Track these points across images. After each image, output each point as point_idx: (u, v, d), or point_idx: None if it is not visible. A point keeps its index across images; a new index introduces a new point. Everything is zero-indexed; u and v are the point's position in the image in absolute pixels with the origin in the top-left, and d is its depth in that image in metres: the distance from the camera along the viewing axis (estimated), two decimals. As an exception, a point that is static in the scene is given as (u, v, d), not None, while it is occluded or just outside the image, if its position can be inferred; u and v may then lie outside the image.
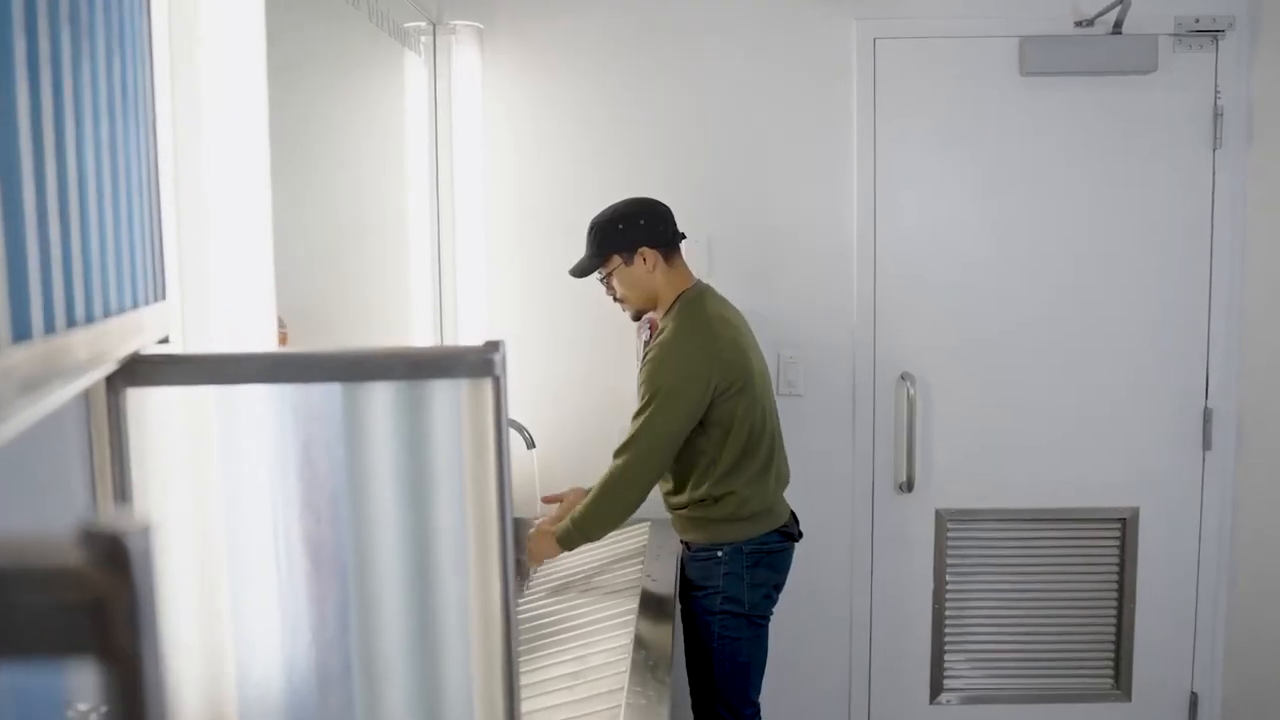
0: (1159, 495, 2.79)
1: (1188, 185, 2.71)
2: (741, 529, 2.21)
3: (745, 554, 2.21)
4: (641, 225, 2.22)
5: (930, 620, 2.85)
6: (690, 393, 2.12)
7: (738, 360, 2.17)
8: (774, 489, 2.26)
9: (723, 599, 2.21)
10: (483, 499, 0.97)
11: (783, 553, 2.28)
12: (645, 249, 2.21)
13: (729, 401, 2.15)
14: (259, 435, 0.91)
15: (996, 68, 2.69)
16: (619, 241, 2.22)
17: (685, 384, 2.12)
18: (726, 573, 2.21)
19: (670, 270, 2.24)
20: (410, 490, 0.94)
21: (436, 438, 0.95)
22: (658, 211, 2.25)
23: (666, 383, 2.13)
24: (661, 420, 2.12)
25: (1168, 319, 2.76)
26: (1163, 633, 2.82)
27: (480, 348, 0.94)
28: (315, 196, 2.00)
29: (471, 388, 0.95)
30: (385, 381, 0.93)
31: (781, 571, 2.29)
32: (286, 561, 0.93)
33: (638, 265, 2.22)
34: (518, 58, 2.73)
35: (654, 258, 2.22)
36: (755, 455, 2.20)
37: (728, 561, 2.21)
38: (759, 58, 2.72)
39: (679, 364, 2.14)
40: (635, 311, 2.32)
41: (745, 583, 2.21)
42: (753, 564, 2.22)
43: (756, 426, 2.19)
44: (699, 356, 2.14)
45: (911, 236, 2.76)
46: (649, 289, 2.25)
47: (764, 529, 2.23)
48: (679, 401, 2.12)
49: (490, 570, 0.96)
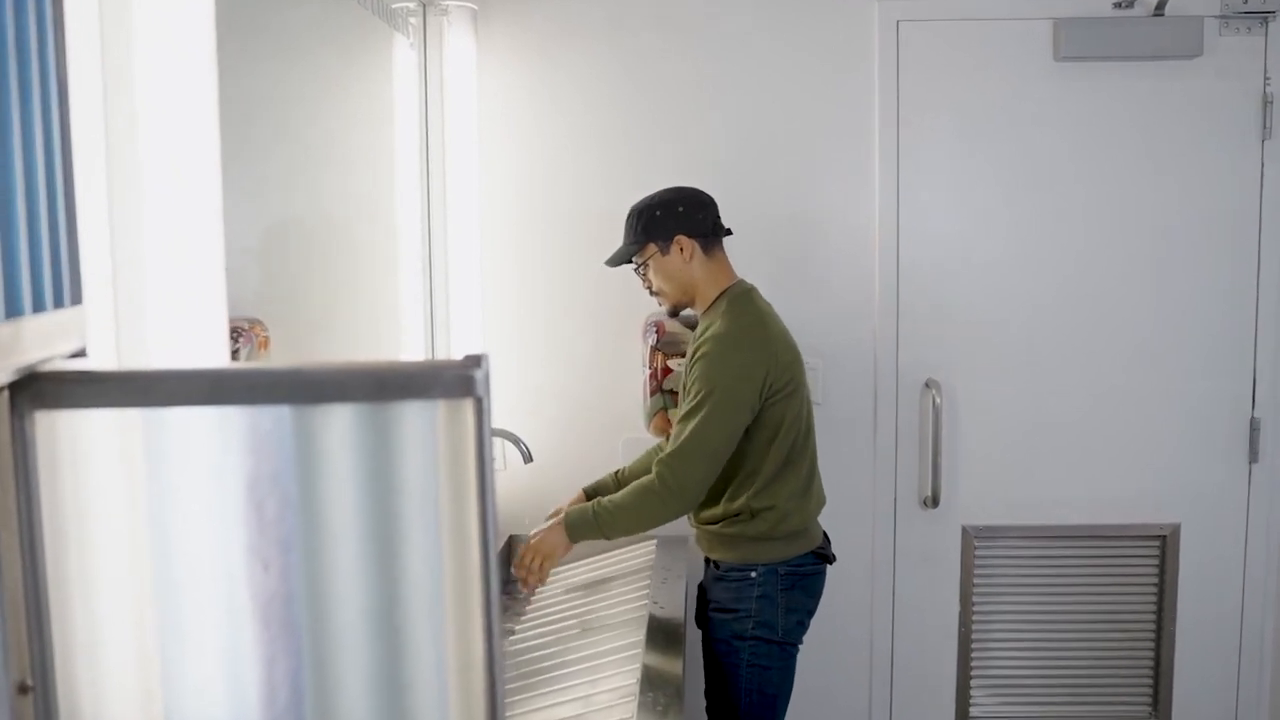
0: (1201, 511, 2.70)
1: (1234, 179, 2.61)
2: (777, 549, 2.10)
3: (780, 576, 2.11)
4: (680, 213, 2.13)
5: (956, 644, 2.75)
6: (746, 392, 2.02)
7: (791, 360, 2.09)
8: (813, 507, 2.16)
9: (754, 624, 2.10)
10: (462, 543, 0.84)
11: (817, 576, 2.18)
12: (682, 238, 2.12)
13: (780, 404, 2.05)
14: (195, 468, 0.79)
15: (1028, 52, 2.59)
16: (655, 229, 2.13)
17: (741, 382, 2.02)
18: (760, 595, 2.10)
19: (709, 263, 2.15)
20: (376, 533, 0.82)
21: (407, 470, 0.82)
22: (699, 200, 2.16)
23: (722, 380, 2.01)
24: (717, 423, 2.01)
25: (1211, 322, 2.66)
26: (1205, 659, 2.72)
27: (459, 362, 0.81)
28: (299, 192, 1.92)
29: (448, 410, 0.82)
30: (345, 404, 0.80)
31: (815, 596, 2.19)
32: (229, 620, 0.80)
33: (674, 255, 2.13)
34: (515, 41, 2.62)
35: (691, 248, 2.13)
36: (798, 466, 2.11)
37: (762, 584, 2.10)
38: (772, 41, 2.61)
39: (735, 359, 2.03)
40: (672, 306, 2.22)
41: (780, 607, 2.10)
42: (788, 587, 2.11)
43: (801, 434, 2.11)
44: (755, 352, 2.04)
45: (937, 234, 2.65)
46: (686, 281, 2.15)
47: (800, 550, 2.13)
48: (735, 401, 2.01)
49: (471, 625, 0.83)
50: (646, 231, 2.14)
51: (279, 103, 1.84)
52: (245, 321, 1.69)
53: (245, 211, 1.73)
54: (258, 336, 1.76)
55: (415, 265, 2.45)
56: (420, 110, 2.46)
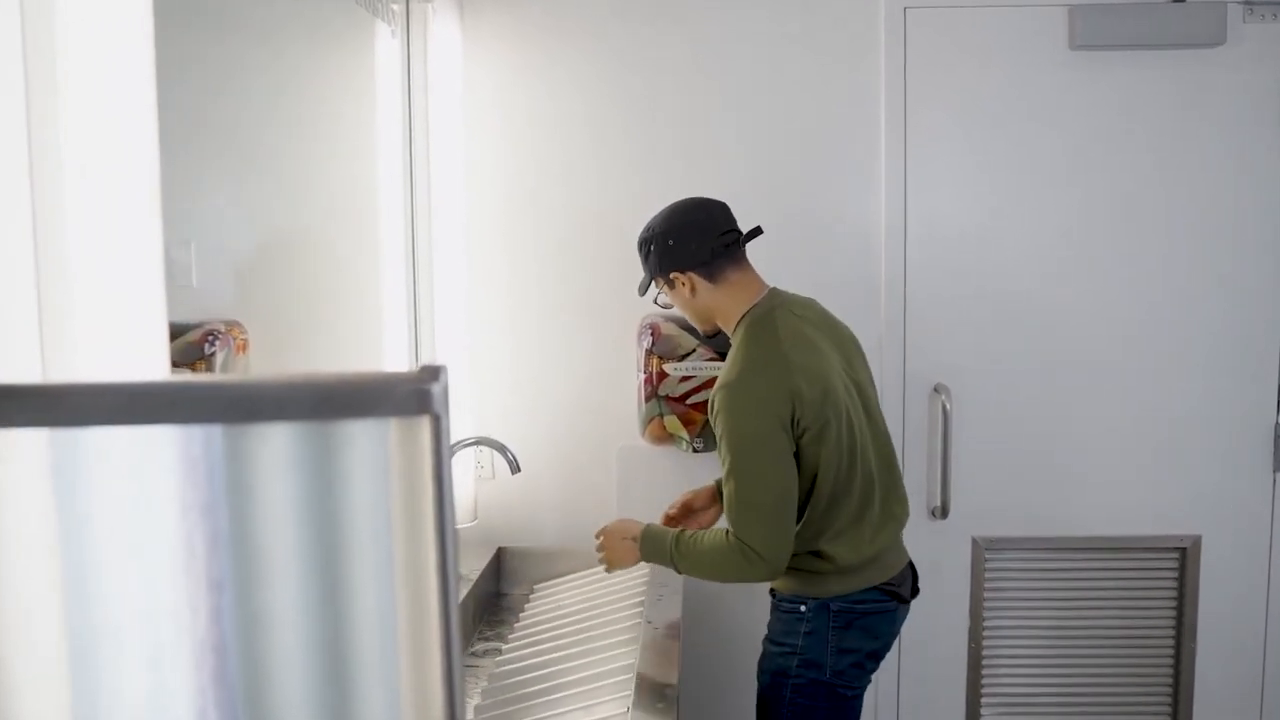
0: (1223, 522, 2.63)
1: (1259, 173, 2.54)
2: (830, 583, 1.94)
3: (833, 613, 1.94)
4: (670, 247, 1.96)
5: (965, 660, 2.68)
6: (774, 437, 1.83)
7: (818, 398, 1.86)
8: (872, 537, 1.95)
9: (800, 662, 1.95)
10: (419, 582, 0.75)
11: (883, 615, 1.98)
12: (677, 274, 1.97)
13: (810, 445, 1.87)
14: (112, 497, 0.70)
15: (1042, 40, 2.52)
16: (653, 266, 2.00)
17: (763, 431, 1.83)
18: (808, 631, 1.95)
19: (719, 289, 1.97)
20: (320, 571, 0.73)
21: (355, 498, 0.73)
22: (691, 226, 1.97)
23: (744, 434, 1.83)
24: (759, 474, 1.83)
25: (1234, 324, 2.59)
26: (1227, 676, 2.66)
27: (414, 375, 0.73)
28: (276, 188, 1.87)
29: (402, 430, 0.74)
30: (284, 423, 0.71)
31: (881, 638, 1.99)
32: (151, 672, 0.72)
33: (678, 290, 1.99)
34: (503, 29, 2.55)
35: (690, 281, 1.97)
36: (843, 504, 1.92)
37: (811, 619, 1.95)
38: (774, 30, 2.54)
39: (750, 407, 1.84)
40: (702, 333, 2.08)
41: (830, 647, 1.94)
42: (842, 625, 1.94)
43: (843, 470, 1.91)
44: (772, 392, 1.84)
45: (946, 232, 2.58)
46: (699, 311, 2.01)
47: (859, 585, 1.95)
48: (766, 454, 1.83)
49: (429, 676, 0.75)
50: (648, 267, 2.01)
51: (252, 94, 1.78)
52: (222, 324, 1.63)
53: (217, 208, 1.69)
54: (235, 340, 1.70)
55: (398, 266, 2.37)
56: (403, 103, 2.38)
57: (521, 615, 2.31)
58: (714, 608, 2.63)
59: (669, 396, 2.45)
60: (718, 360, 2.44)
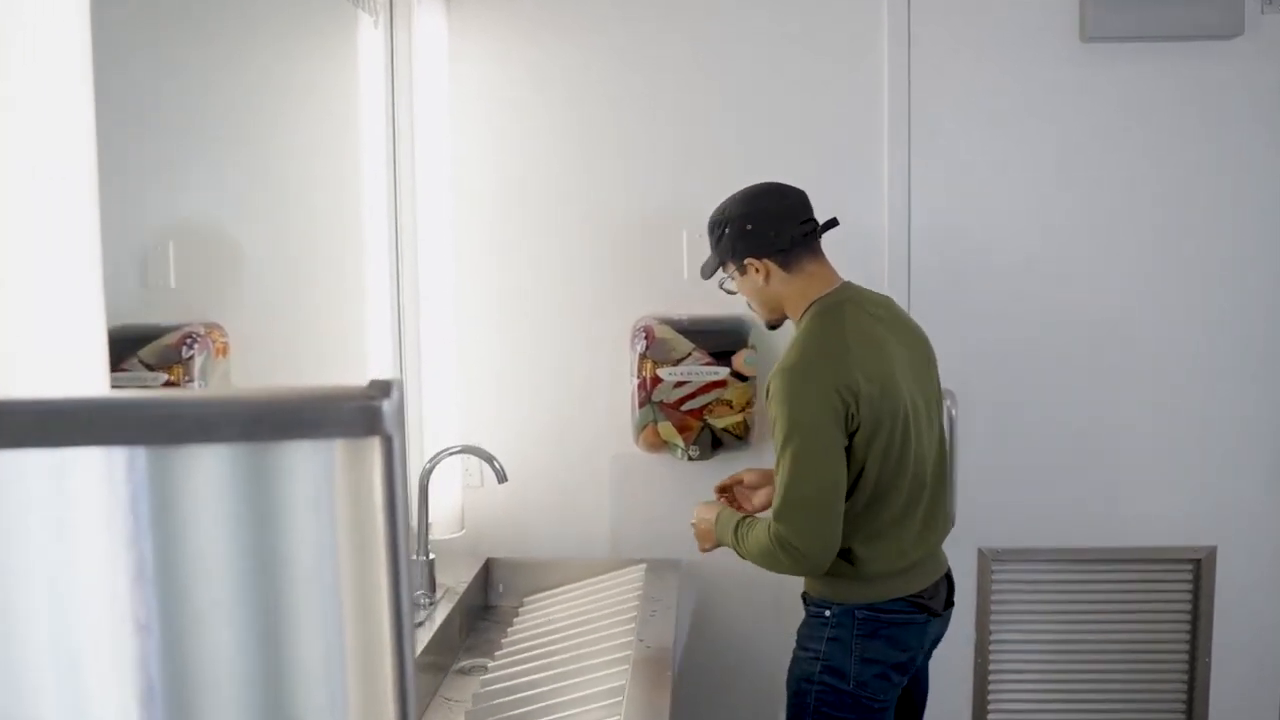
0: (1239, 533, 2.59)
1: (1277, 172, 2.48)
2: (857, 589, 1.92)
3: (858, 620, 1.92)
4: (748, 232, 1.95)
5: (971, 676, 2.63)
6: (829, 427, 1.82)
7: (876, 394, 1.84)
8: (912, 545, 1.94)
9: (822, 668, 1.93)
10: (369, 621, 0.69)
11: (909, 626, 1.95)
12: (753, 260, 1.96)
13: (862, 445, 1.85)
14: (21, 530, 0.64)
15: (1052, 32, 2.47)
16: (726, 250, 1.98)
17: (819, 419, 1.82)
18: (831, 638, 1.94)
19: (794, 278, 1.96)
20: (257, 611, 0.67)
21: (296, 530, 0.67)
22: (773, 213, 1.96)
23: (799, 420, 1.82)
24: (811, 466, 1.81)
25: (1251, 328, 2.54)
26: (1243, 694, 2.61)
27: (361, 390, 0.67)
28: (258, 186, 1.84)
29: (348, 452, 0.67)
30: (215, 445, 0.65)
31: (908, 650, 1.96)
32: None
33: (750, 276, 1.98)
34: (492, 21, 2.49)
35: (765, 268, 1.95)
36: (883, 507, 1.90)
37: (835, 625, 1.93)
38: (773, 21, 2.49)
39: (806, 392, 1.82)
40: (766, 321, 2.07)
41: (853, 655, 1.92)
42: (866, 634, 1.92)
43: (888, 473, 1.89)
44: (829, 380, 1.82)
45: (951, 231, 2.52)
46: (769, 300, 2.00)
47: (887, 594, 1.93)
48: (821, 440, 1.82)
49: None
50: (719, 252, 2.00)
51: (231, 88, 1.74)
52: (201, 326, 1.59)
53: (198, 206, 1.66)
54: (215, 343, 1.67)
55: (383, 265, 2.31)
56: (387, 97, 2.33)
57: (510, 630, 2.25)
58: (708, 626, 2.57)
59: (663, 402, 2.39)
60: (714, 365, 2.38)
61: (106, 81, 1.45)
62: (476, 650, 2.20)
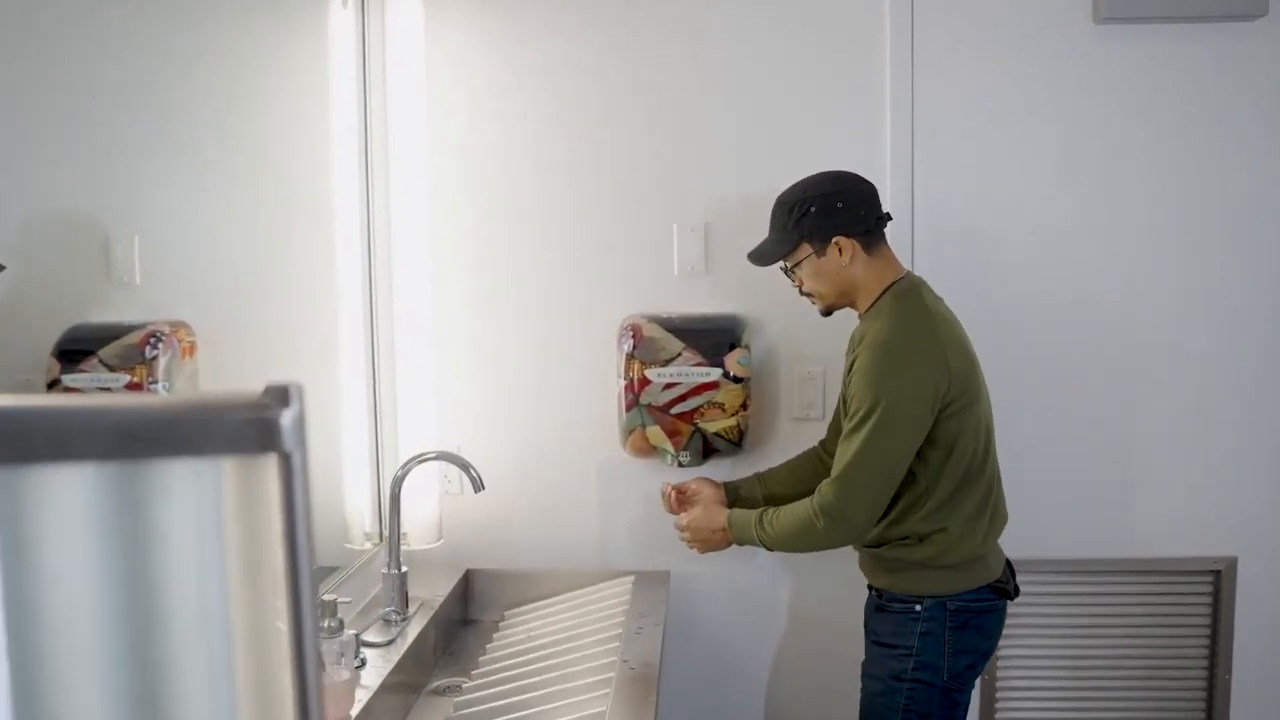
0: (1261, 543, 2.53)
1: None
2: (946, 580, 1.99)
3: (950, 612, 1.98)
4: (839, 209, 2.00)
5: (979, 689, 2.55)
6: (916, 405, 1.91)
7: (965, 368, 1.96)
8: (988, 533, 2.03)
9: (916, 664, 1.98)
10: (265, 669, 0.60)
11: (994, 613, 2.05)
12: (842, 239, 2.00)
13: (955, 418, 1.93)
14: None
15: (1064, 13, 2.41)
16: (810, 228, 2.01)
17: (909, 394, 1.90)
18: (924, 633, 1.98)
19: (873, 261, 2.03)
20: (130, 657, 0.58)
21: (174, 562, 0.59)
22: (861, 192, 2.03)
23: (888, 393, 1.90)
24: (885, 443, 1.90)
25: (1275, 328, 2.48)
26: (1265, 709, 2.56)
27: (253, 400, 0.58)
28: (225, 179, 1.80)
29: (238, 472, 0.59)
30: (77, 463, 0.56)
31: (992, 637, 2.06)
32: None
33: (832, 257, 2.01)
34: (471, 5, 2.40)
35: (852, 249, 2.00)
36: (974, 488, 1.99)
37: (927, 619, 1.98)
38: (769, 3, 2.38)
39: (901, 367, 1.92)
40: (826, 308, 2.10)
41: (947, 648, 1.98)
42: (959, 626, 1.99)
43: (979, 452, 1.99)
44: (925, 358, 1.93)
45: (956, 223, 2.45)
46: (844, 283, 2.04)
47: (975, 582, 2.01)
48: (904, 416, 1.90)
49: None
50: (799, 230, 2.01)
51: (194, 76, 1.70)
52: (167, 324, 1.56)
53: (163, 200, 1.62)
54: (181, 342, 1.62)
55: (355, 260, 2.23)
56: (359, 86, 2.26)
57: (489, 646, 2.17)
58: (694, 645, 2.49)
59: (652, 405, 2.30)
60: (705, 365, 2.30)
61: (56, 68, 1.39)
62: (453, 668, 2.12)
